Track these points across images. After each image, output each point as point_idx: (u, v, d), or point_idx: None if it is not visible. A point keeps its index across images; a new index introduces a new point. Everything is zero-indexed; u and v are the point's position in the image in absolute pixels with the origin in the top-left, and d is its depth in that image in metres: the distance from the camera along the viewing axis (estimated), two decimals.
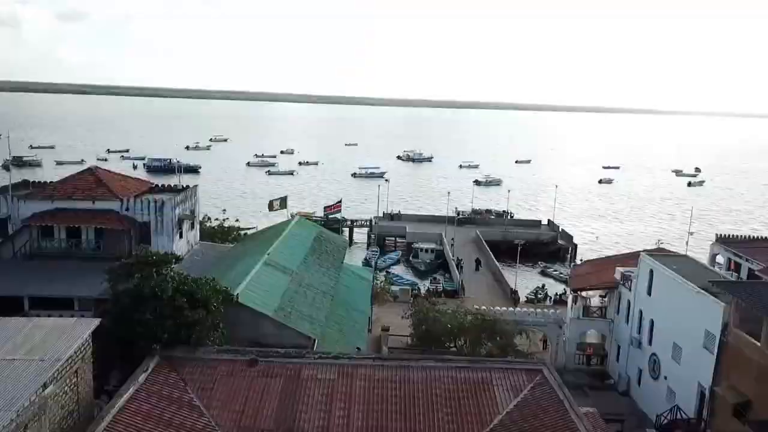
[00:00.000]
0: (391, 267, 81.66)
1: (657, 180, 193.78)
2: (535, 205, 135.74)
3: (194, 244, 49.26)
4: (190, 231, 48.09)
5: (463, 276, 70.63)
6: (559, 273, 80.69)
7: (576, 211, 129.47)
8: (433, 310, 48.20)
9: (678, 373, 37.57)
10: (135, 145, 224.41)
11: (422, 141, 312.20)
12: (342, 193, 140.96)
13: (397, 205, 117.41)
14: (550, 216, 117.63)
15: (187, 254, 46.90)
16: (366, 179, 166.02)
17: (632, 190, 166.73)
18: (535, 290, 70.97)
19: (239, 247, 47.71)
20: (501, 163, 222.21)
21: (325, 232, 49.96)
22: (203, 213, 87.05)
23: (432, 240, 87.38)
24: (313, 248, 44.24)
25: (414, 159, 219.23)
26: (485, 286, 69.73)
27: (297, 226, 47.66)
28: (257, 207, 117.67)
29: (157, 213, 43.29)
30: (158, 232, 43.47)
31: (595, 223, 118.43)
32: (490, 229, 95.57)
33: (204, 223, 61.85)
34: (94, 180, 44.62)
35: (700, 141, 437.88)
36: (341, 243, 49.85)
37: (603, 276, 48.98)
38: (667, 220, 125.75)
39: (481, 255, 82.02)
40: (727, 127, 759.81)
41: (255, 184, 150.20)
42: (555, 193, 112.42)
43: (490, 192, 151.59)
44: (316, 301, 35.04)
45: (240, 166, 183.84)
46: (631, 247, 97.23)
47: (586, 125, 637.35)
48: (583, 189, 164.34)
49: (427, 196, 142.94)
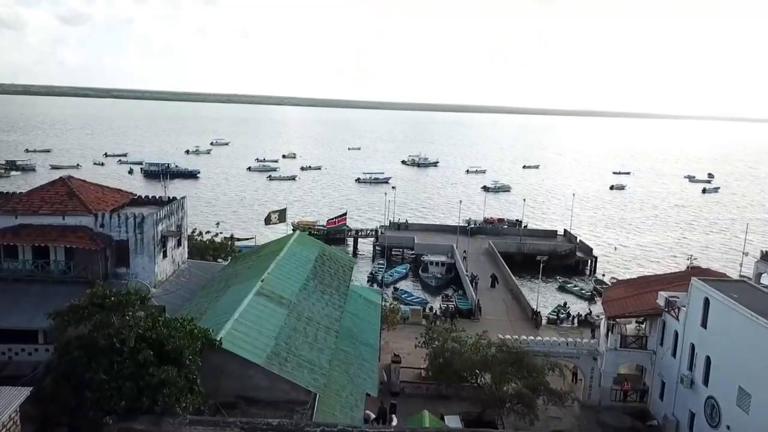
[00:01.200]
0: (399, 282, 75.99)
1: (670, 186, 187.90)
2: (548, 214, 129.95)
3: (181, 263, 43.71)
4: (176, 249, 42.56)
5: (478, 293, 64.90)
6: (580, 289, 74.85)
7: (590, 219, 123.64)
8: (451, 338, 42.65)
9: (746, 425, 31.81)
10: (133, 149, 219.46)
11: (426, 145, 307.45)
12: (345, 199, 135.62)
13: (403, 214, 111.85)
14: (565, 225, 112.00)
15: (173, 275, 41.44)
16: (370, 185, 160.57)
17: (646, 197, 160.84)
18: (557, 309, 65.26)
19: (231, 267, 42.10)
20: (508, 168, 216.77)
21: (328, 250, 44.33)
22: (194, 226, 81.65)
23: (442, 252, 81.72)
24: (314, 270, 38.63)
25: (419, 164, 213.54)
26: (503, 304, 63.95)
27: (297, 244, 42.04)
28: (256, 215, 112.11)
29: (136, 230, 37.77)
30: (138, 252, 37.96)
31: (611, 233, 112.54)
32: (503, 240, 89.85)
33: (195, 237, 56.33)
34: (65, 191, 39.09)
35: (702, 145, 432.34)
36: (347, 262, 44.19)
37: (642, 301, 43.24)
38: (688, 229, 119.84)
39: (495, 269, 76.31)
40: (725, 131, 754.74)
41: (255, 190, 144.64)
42: (572, 202, 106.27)
43: (500, 199, 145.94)
44: (318, 339, 29.38)
45: (241, 170, 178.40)
46: (656, 261, 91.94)
47: (586, 129, 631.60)
48: (595, 196, 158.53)
49: (435, 204, 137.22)
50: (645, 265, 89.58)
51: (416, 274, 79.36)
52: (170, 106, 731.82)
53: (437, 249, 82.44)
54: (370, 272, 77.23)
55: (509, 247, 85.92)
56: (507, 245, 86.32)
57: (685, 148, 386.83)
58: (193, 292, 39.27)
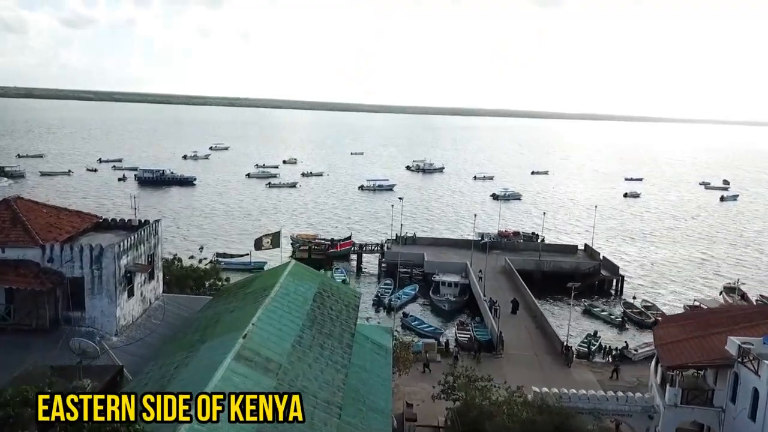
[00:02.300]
0: (408, 304, 68.85)
1: (685, 194, 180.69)
2: (563, 225, 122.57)
3: (154, 299, 36.58)
4: (147, 284, 35.44)
5: (497, 321, 57.68)
6: (608, 314, 67.51)
7: (607, 231, 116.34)
8: (478, 391, 35.56)
9: None
10: (130, 154, 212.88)
11: (429, 149, 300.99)
12: (348, 209, 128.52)
13: (410, 226, 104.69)
14: (584, 238, 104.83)
15: (141, 316, 34.34)
16: (374, 192, 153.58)
17: (662, 206, 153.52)
18: (587, 340, 58.01)
19: (212, 307, 34.96)
20: (516, 174, 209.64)
21: (328, 285, 37.19)
22: (184, 237, 74.28)
23: (455, 271, 74.50)
24: (312, 315, 31.49)
25: (424, 169, 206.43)
26: (526, 334, 56.77)
27: (291, 278, 34.85)
28: (253, 227, 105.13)
29: (93, 265, 30.68)
30: (95, 292, 30.88)
31: (631, 247, 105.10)
32: (520, 256, 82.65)
33: (174, 262, 49.22)
34: (8, 216, 32.02)
35: (709, 149, 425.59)
36: (351, 298, 36.94)
37: (706, 347, 36.05)
38: (712, 242, 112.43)
39: (515, 291, 69.13)
40: (729, 135, 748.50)
41: (254, 198, 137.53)
42: (593, 214, 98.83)
43: (511, 208, 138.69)
44: (314, 422, 22.24)
45: (239, 177, 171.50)
46: (688, 281, 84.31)
47: (589, 133, 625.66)
48: (608, 204, 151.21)
49: (443, 214, 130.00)
50: (676, 286, 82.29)
51: (426, 294, 72.22)
52: (172, 110, 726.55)
53: (449, 267, 75.22)
54: (376, 295, 70.06)
55: (527, 265, 78.69)
56: (525, 262, 79.09)
57: (693, 153, 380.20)
58: (166, 339, 32.21)
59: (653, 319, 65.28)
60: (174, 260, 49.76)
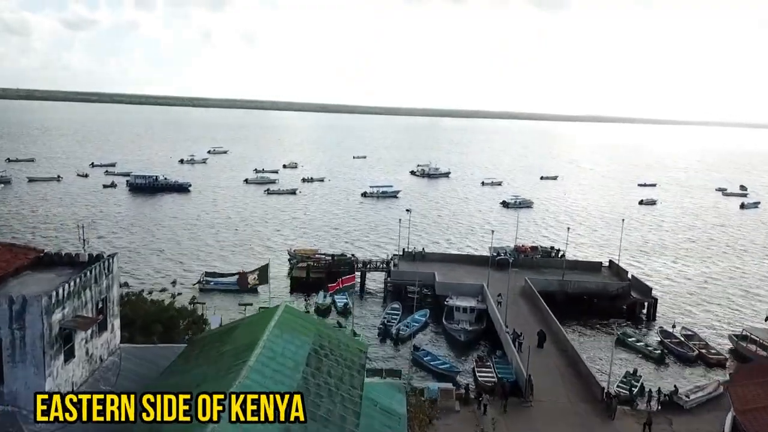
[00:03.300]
0: (418, 333, 61.22)
1: (702, 200, 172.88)
2: (581, 236, 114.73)
3: (107, 356, 29.00)
4: (96, 338, 27.89)
5: (524, 360, 49.95)
6: (644, 345, 59.73)
7: (629, 244, 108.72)
8: None
9: None
10: (124, 158, 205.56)
11: (432, 152, 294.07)
12: (351, 218, 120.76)
13: (417, 238, 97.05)
14: (605, 252, 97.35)
15: (86, 381, 26.76)
16: (378, 199, 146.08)
17: (681, 215, 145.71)
18: (627, 379, 50.32)
19: (177, 371, 27.38)
20: (525, 179, 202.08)
21: (327, 337, 29.52)
22: (155, 273, 66.53)
23: (471, 293, 66.84)
24: (304, 386, 23.89)
25: (429, 174, 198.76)
26: (558, 375, 49.07)
27: (279, 333, 27.23)
28: (248, 240, 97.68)
29: (13, 323, 23.11)
30: (16, 359, 23.32)
31: (655, 262, 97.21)
32: (542, 275, 74.92)
33: (143, 296, 41.66)
34: None
35: (717, 152, 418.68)
36: (357, 357, 29.20)
37: None
38: (740, 256, 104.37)
39: (539, 318, 61.45)
40: (733, 137, 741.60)
41: (250, 206, 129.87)
42: (621, 227, 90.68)
43: (522, 217, 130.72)
44: None
45: (237, 182, 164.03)
46: (727, 304, 75.81)
47: (593, 135, 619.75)
48: (624, 212, 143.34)
49: (452, 223, 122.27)
50: (714, 308, 74.36)
51: (437, 319, 64.56)
52: (173, 112, 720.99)
53: (464, 289, 67.53)
54: (382, 322, 62.39)
55: (550, 285, 70.92)
56: (548, 283, 71.29)
57: (700, 156, 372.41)
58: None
59: (696, 351, 57.73)
60: (141, 295, 42.05)
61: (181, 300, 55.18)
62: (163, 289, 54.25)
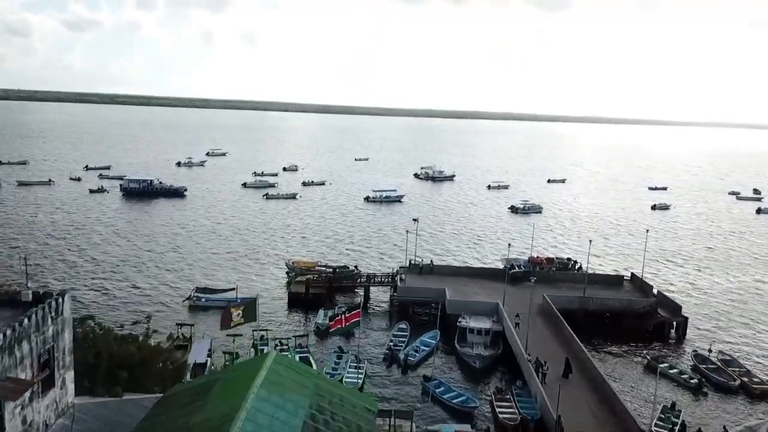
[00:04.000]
0: (428, 359, 55.58)
1: (715, 205, 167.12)
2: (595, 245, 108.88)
3: (53, 420, 23.45)
4: (40, 398, 22.33)
5: (546, 388, 44.43)
6: (678, 373, 53.95)
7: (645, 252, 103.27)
8: None
9: None
10: (120, 161, 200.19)
11: (435, 154, 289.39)
12: (353, 226, 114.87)
13: (422, 247, 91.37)
14: (623, 263, 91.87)
15: None
16: (381, 204, 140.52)
17: (695, 220, 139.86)
18: (666, 416, 44.69)
19: None
20: (531, 182, 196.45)
21: (327, 396, 23.92)
22: (123, 310, 61.07)
23: (485, 312, 61.30)
24: None
25: (433, 177, 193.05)
26: (587, 411, 43.46)
27: (267, 394, 21.70)
28: (244, 250, 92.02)
29: None
30: None
31: (676, 274, 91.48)
32: (559, 290, 69.35)
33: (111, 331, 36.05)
34: None
35: (721, 154, 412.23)
36: (363, 420, 23.62)
37: None
38: (763, 267, 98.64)
39: (561, 342, 55.84)
40: (735, 138, 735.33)
41: (248, 212, 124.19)
42: (645, 237, 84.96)
43: (532, 224, 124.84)
44: None
45: (235, 186, 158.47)
46: (762, 322, 70.67)
47: (594, 136, 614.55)
48: (637, 218, 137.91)
49: (459, 230, 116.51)
50: (749, 330, 68.30)
51: (448, 341, 58.90)
52: (174, 113, 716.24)
53: (478, 308, 61.92)
54: (388, 346, 56.70)
55: (570, 303, 65.30)
56: (567, 300, 65.66)
57: (707, 158, 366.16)
58: None
59: (738, 380, 52.04)
60: (108, 331, 36.26)
61: (163, 327, 49.68)
62: (135, 322, 48.51)
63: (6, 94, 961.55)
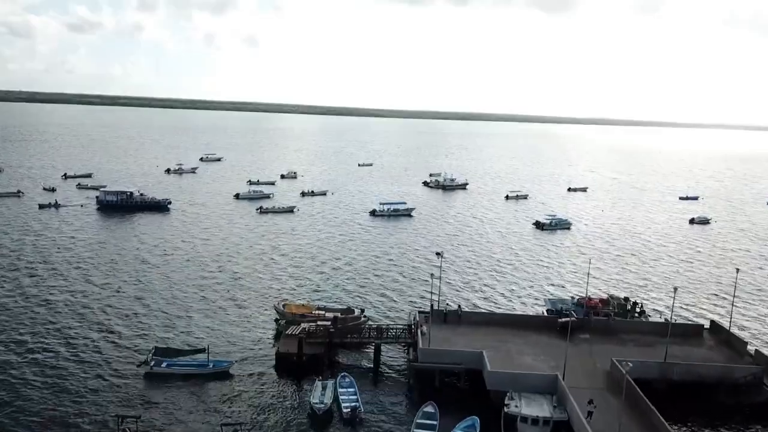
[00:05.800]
0: None
1: (755, 218, 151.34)
2: (631, 268, 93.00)
3: None
4: None
5: None
6: None
7: (700, 284, 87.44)
8: None
9: None
10: (104, 168, 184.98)
11: (442, 159, 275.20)
12: (357, 249, 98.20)
13: (441, 276, 75.42)
14: (687, 302, 75.95)
15: None
16: (389, 219, 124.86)
17: (742, 239, 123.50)
18: None
19: None
20: (551, 191, 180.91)
21: None
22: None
23: (540, 389, 45.49)
24: None
25: (444, 186, 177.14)
26: None
27: None
28: (222, 288, 75.33)
29: None
30: None
31: (754, 315, 75.43)
32: (627, 350, 53.31)
33: None
34: None
35: (741, 158, 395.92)
36: None
37: None
38: None
39: None
40: (736, 140, 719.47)
41: (237, 232, 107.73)
42: (735, 282, 68.14)
43: (558, 241, 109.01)
44: None
45: (227, 198, 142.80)
46: None
47: (600, 138, 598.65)
48: (677, 236, 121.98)
49: (479, 254, 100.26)
50: None
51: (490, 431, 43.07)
52: (174, 114, 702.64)
53: (530, 383, 45.96)
54: None
55: (647, 370, 48.99)
56: (644, 367, 49.04)
57: (726, 162, 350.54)
58: None
59: None
60: None
61: (95, 418, 34.10)
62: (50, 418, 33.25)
63: (6, 95, 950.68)
